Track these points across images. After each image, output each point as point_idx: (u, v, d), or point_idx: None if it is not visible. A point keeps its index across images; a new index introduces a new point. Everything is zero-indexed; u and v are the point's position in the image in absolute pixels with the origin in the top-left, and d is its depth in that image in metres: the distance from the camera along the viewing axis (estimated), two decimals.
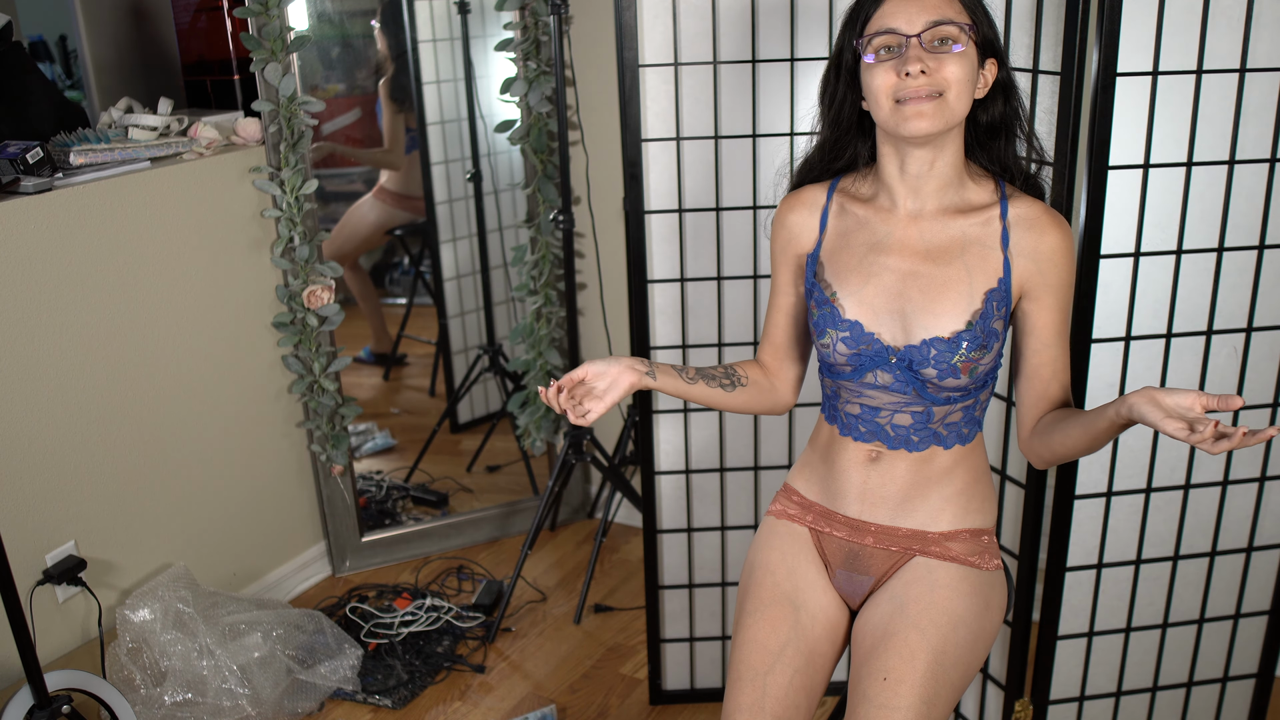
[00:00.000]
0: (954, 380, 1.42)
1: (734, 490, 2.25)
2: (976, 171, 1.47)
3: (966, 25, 1.35)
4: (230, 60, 2.62)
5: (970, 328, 1.41)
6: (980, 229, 1.43)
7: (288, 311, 2.65)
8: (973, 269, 1.42)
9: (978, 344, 1.41)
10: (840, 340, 1.46)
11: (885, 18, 1.36)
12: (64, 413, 2.23)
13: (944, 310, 1.42)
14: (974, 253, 1.43)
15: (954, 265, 1.43)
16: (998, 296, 1.42)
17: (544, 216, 2.87)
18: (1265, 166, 1.76)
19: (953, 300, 1.42)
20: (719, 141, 2.05)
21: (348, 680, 2.38)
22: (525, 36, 2.71)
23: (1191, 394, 1.21)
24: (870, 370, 1.46)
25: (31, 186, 2.13)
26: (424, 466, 3.27)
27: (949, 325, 1.41)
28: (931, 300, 1.42)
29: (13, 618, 1.83)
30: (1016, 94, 1.45)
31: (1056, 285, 1.42)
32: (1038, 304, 1.43)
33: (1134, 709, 2.08)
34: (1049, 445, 1.43)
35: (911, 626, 1.43)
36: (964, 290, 1.42)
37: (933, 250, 1.44)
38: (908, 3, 1.35)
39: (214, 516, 2.60)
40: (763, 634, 1.50)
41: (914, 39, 1.34)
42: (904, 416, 1.47)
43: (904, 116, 1.35)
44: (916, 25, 1.34)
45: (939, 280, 1.43)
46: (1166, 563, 1.97)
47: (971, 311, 1.41)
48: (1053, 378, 1.46)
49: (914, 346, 1.43)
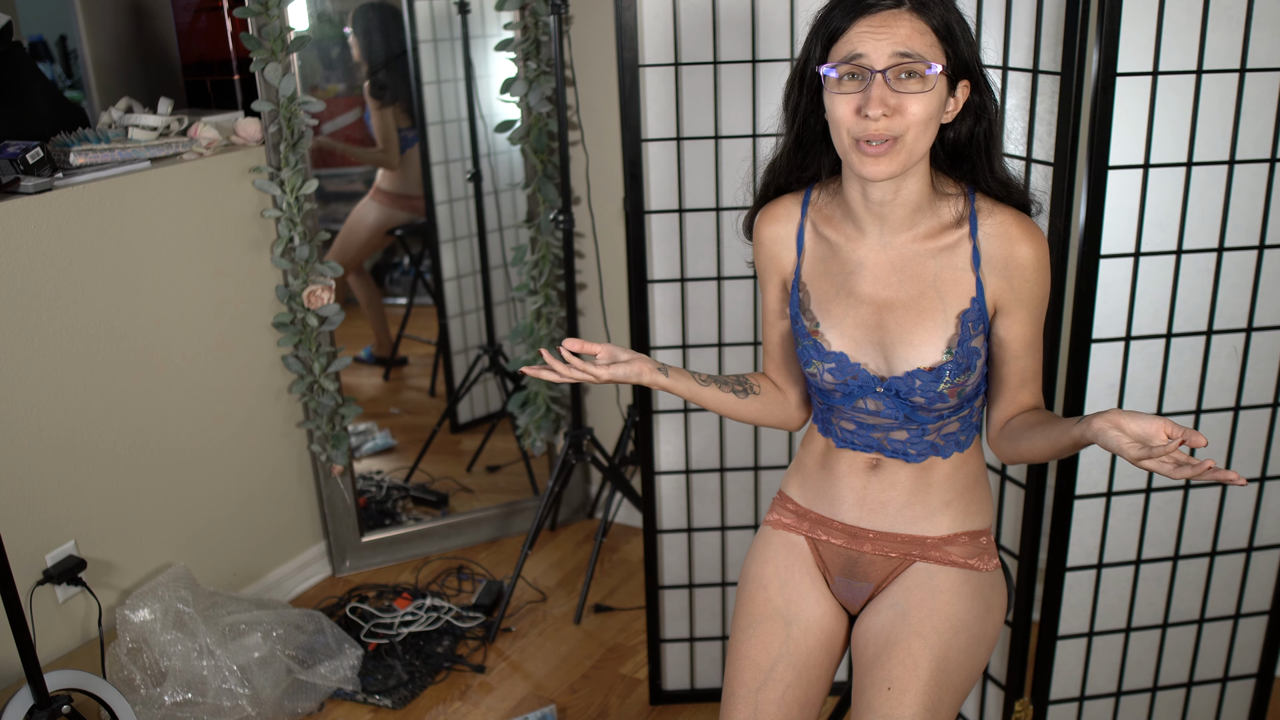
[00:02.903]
0: (943, 404, 1.42)
1: (734, 490, 2.25)
2: (947, 186, 1.42)
3: (937, 62, 1.29)
4: (230, 60, 2.62)
5: (950, 355, 1.39)
6: (950, 253, 1.40)
7: (288, 311, 2.65)
8: (945, 293, 1.40)
9: (961, 369, 1.40)
10: (826, 371, 1.46)
11: (854, 42, 1.29)
12: (64, 413, 2.23)
13: (921, 340, 1.40)
14: (946, 276, 1.40)
15: (926, 292, 1.40)
16: (972, 317, 1.40)
17: (544, 216, 2.87)
18: (1265, 166, 1.76)
19: (928, 329, 1.40)
20: (719, 141, 2.05)
21: (348, 680, 2.38)
22: (525, 36, 2.71)
23: (1156, 421, 1.19)
24: (860, 397, 1.46)
25: (31, 186, 2.13)
26: (424, 466, 3.27)
27: (929, 356, 1.40)
28: (908, 331, 1.41)
29: (13, 618, 1.83)
30: (988, 116, 1.37)
31: (1028, 299, 1.40)
32: (1010, 318, 1.41)
33: (1134, 709, 2.08)
34: (1015, 449, 1.44)
35: (914, 634, 1.42)
36: (938, 317, 1.40)
37: (904, 279, 1.41)
38: (878, 29, 1.28)
39: (214, 516, 2.60)
40: (754, 650, 1.50)
41: (879, 75, 1.28)
42: (900, 433, 1.47)
43: (861, 158, 1.31)
44: (883, 58, 1.27)
45: (913, 310, 1.41)
46: (1166, 563, 1.97)
47: (948, 338, 1.40)
48: (1022, 386, 1.46)
49: (898, 378, 1.41)
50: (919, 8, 1.29)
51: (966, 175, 1.42)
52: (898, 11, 1.29)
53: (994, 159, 1.40)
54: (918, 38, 1.28)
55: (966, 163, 1.41)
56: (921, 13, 1.29)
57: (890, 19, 1.29)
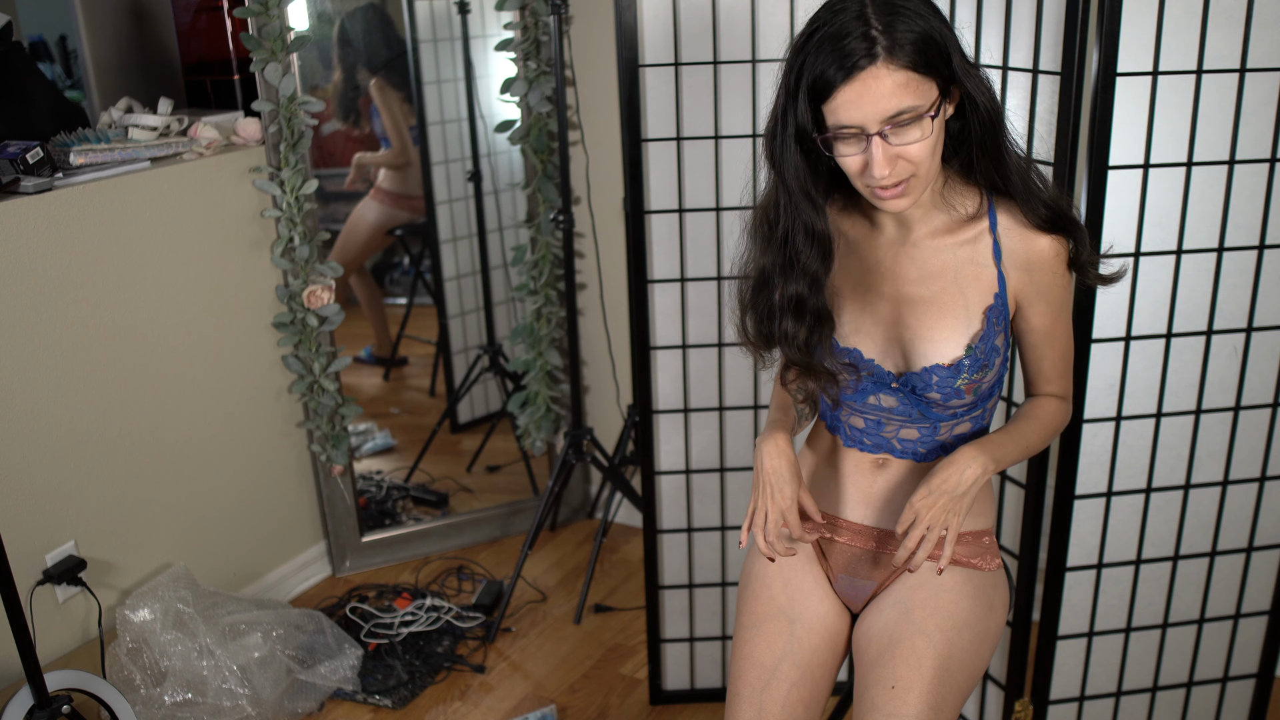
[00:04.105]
0: (959, 400, 1.42)
1: (734, 490, 2.25)
2: (959, 180, 1.40)
3: (926, 98, 1.25)
4: (230, 60, 2.62)
5: (970, 351, 1.39)
6: (970, 247, 1.39)
7: (288, 311, 2.65)
8: (966, 289, 1.39)
9: (979, 365, 1.40)
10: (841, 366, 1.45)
11: (840, 114, 1.25)
12: (64, 413, 2.23)
13: (942, 337, 1.40)
14: (967, 272, 1.40)
15: (948, 288, 1.40)
16: (996, 312, 1.40)
17: (544, 216, 2.87)
18: (1265, 166, 1.75)
19: (950, 325, 1.40)
20: (719, 141, 2.05)
21: (348, 680, 2.38)
22: (525, 36, 2.71)
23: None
24: (873, 393, 1.45)
25: (31, 186, 2.13)
26: (424, 466, 3.27)
27: (949, 352, 1.39)
28: (928, 328, 1.40)
29: (13, 618, 1.83)
30: (980, 108, 1.31)
31: (1047, 290, 1.41)
32: (1030, 309, 1.42)
33: (1134, 709, 2.08)
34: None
35: (917, 632, 1.42)
36: (960, 313, 1.40)
37: (925, 275, 1.41)
38: (861, 98, 1.23)
39: (214, 516, 2.60)
40: (758, 650, 1.50)
41: (875, 136, 1.25)
42: (910, 430, 1.46)
43: (880, 200, 1.31)
44: (874, 123, 1.24)
45: (934, 306, 1.40)
46: (1166, 563, 1.97)
47: (971, 334, 1.39)
48: (1037, 375, 1.49)
49: (915, 374, 1.41)
50: (892, 53, 1.22)
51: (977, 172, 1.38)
52: (874, 69, 1.22)
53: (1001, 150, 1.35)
54: (901, 91, 1.23)
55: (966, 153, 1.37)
56: (896, 57, 1.22)
57: (869, 82, 1.22)
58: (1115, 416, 1.86)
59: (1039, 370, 1.49)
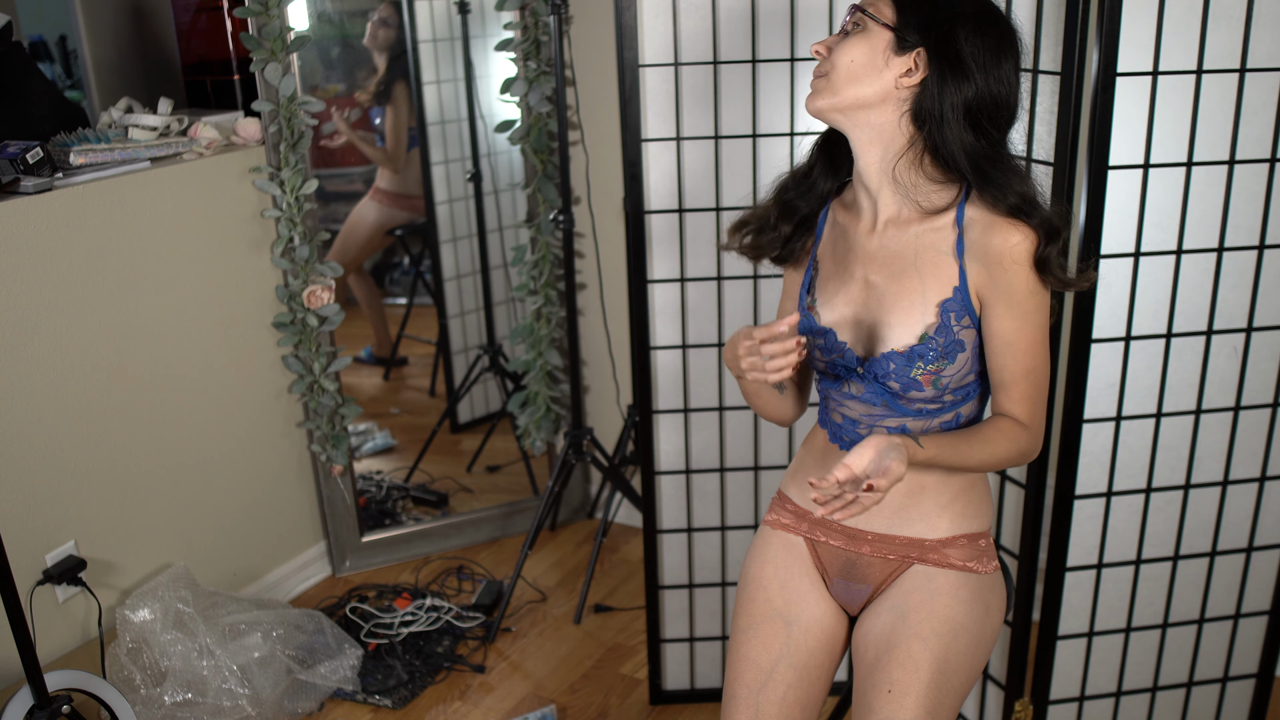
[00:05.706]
0: (918, 393, 1.41)
1: (734, 490, 2.25)
2: (938, 174, 1.40)
3: (883, 18, 1.35)
4: (230, 60, 2.62)
5: (924, 341, 1.38)
6: (933, 235, 1.39)
7: (288, 311, 2.65)
8: (926, 278, 1.39)
9: (937, 355, 1.39)
10: (816, 346, 1.48)
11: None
12: (64, 413, 2.23)
13: (897, 322, 1.40)
14: (927, 260, 1.39)
15: (908, 275, 1.40)
16: (954, 307, 1.38)
17: (544, 216, 2.87)
18: (1265, 166, 1.76)
19: (904, 311, 1.40)
20: (719, 141, 2.05)
21: (348, 680, 2.39)
22: (525, 36, 2.71)
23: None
24: (845, 380, 1.47)
25: (31, 186, 2.13)
26: (424, 466, 3.27)
27: (903, 338, 1.39)
28: (886, 312, 1.41)
29: (13, 618, 1.83)
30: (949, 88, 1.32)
31: (1007, 292, 1.35)
32: (991, 311, 1.38)
33: (1134, 709, 2.08)
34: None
35: (914, 636, 1.42)
36: (917, 301, 1.39)
37: (890, 259, 1.42)
38: None
39: (214, 516, 2.60)
40: (755, 652, 1.51)
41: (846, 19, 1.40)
42: (892, 422, 1.47)
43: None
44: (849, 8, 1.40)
45: (893, 292, 1.41)
46: (1166, 563, 1.97)
47: (925, 324, 1.39)
48: (997, 386, 1.42)
49: (875, 359, 1.42)
50: None
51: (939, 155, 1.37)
52: None
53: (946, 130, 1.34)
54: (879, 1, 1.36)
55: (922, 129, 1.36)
56: None
57: None
58: (1115, 416, 1.86)
59: (999, 380, 1.41)
